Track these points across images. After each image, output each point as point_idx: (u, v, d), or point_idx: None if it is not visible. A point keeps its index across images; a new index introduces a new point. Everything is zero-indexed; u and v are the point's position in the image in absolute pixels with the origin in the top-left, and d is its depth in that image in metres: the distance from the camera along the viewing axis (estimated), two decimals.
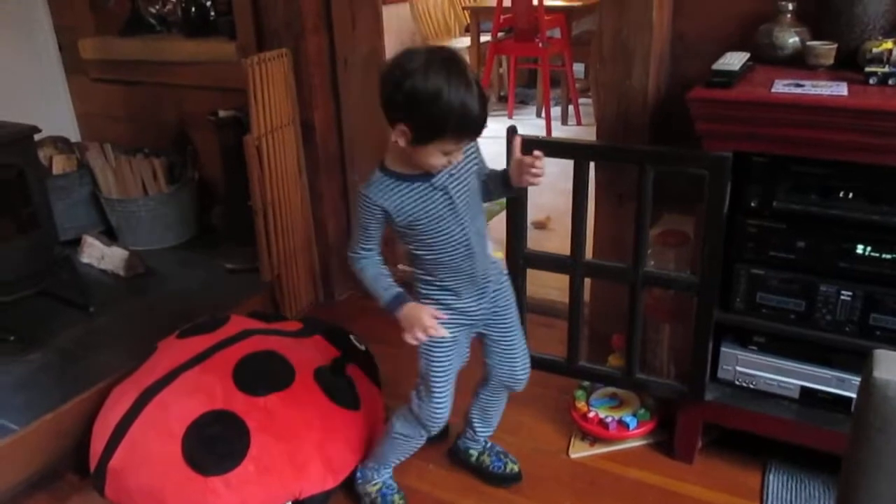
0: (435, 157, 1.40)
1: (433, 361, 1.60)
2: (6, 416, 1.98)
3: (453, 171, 1.48)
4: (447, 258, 1.53)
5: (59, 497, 1.90)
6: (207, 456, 1.70)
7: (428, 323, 1.49)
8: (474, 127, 1.38)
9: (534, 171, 1.46)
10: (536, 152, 1.46)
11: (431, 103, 1.33)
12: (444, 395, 1.63)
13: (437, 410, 1.64)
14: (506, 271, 1.72)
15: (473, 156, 1.54)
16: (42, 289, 2.47)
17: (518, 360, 1.73)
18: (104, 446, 1.78)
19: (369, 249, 1.55)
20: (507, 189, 1.57)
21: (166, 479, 1.69)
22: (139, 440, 1.75)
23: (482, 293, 1.61)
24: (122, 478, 1.74)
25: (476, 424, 1.88)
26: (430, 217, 1.48)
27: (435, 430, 1.70)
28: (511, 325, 1.70)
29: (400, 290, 1.54)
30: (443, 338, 1.54)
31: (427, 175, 1.46)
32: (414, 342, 1.51)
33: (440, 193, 1.47)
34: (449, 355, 1.61)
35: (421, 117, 1.35)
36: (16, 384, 2.16)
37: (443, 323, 1.53)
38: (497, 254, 1.68)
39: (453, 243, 1.51)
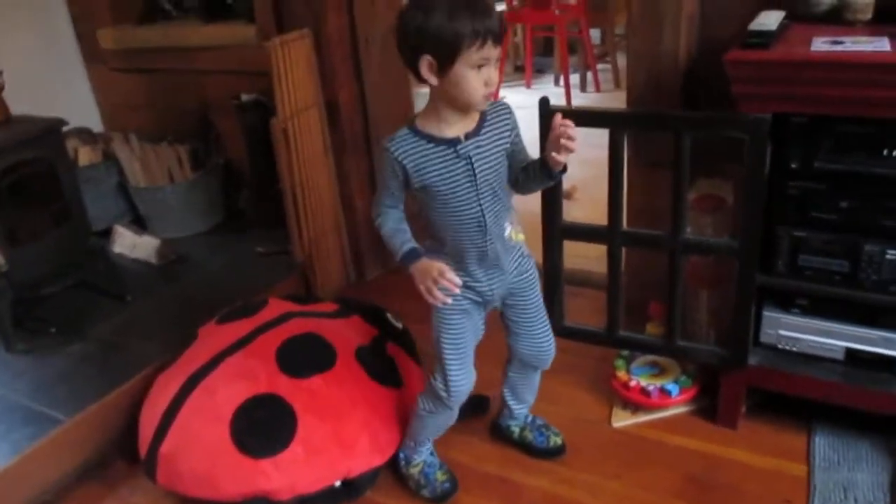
0: (469, 78, 1.36)
1: (443, 331, 1.59)
2: (52, 408, 2.01)
3: (481, 143, 1.46)
4: (457, 226, 1.51)
5: (109, 484, 1.93)
6: (256, 439, 1.72)
7: (436, 275, 1.46)
8: (489, 22, 1.33)
9: (568, 139, 1.38)
10: (564, 120, 1.40)
11: (439, 15, 1.31)
12: (457, 365, 1.61)
13: (454, 381, 1.61)
14: (528, 253, 1.66)
15: (506, 133, 1.50)
16: (78, 280, 2.49)
17: (539, 341, 1.72)
18: (153, 433, 1.80)
19: (391, 206, 1.54)
20: (546, 175, 1.48)
21: (217, 462, 1.71)
22: (188, 426, 1.78)
23: (494, 276, 1.58)
24: (174, 463, 1.76)
25: (510, 402, 1.88)
26: (447, 184, 1.46)
27: (454, 404, 1.67)
28: (531, 309, 1.68)
29: (415, 245, 1.53)
30: (452, 298, 1.51)
31: (453, 141, 1.44)
32: (430, 299, 1.50)
33: (463, 163, 1.45)
34: (459, 325, 1.59)
35: (434, 35, 1.33)
36: (59, 376, 2.18)
37: (452, 292, 1.50)
38: (519, 236, 1.62)
39: (466, 217, 1.49)
